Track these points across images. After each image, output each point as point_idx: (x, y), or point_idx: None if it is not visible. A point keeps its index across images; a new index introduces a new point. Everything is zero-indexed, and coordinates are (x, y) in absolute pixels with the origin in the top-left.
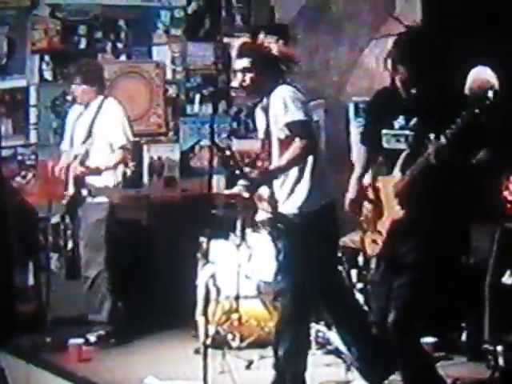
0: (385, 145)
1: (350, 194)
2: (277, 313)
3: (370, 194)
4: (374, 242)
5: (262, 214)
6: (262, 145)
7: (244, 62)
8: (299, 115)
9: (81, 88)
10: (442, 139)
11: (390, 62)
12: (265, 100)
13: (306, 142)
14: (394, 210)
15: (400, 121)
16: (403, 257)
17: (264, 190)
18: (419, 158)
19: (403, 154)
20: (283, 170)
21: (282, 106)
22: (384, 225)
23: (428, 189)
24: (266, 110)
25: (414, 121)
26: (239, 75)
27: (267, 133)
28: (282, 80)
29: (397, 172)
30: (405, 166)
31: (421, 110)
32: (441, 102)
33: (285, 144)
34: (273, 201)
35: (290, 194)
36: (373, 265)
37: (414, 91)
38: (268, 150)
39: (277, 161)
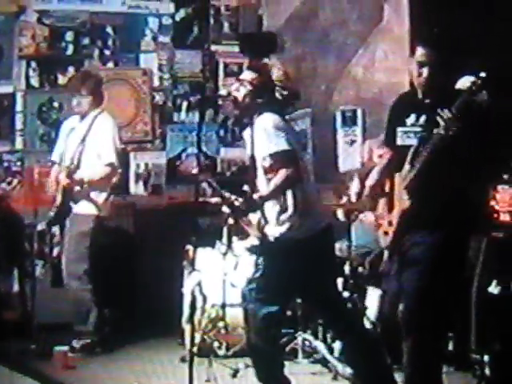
0: (398, 142)
1: (370, 181)
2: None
3: (386, 189)
4: (386, 233)
5: (252, 240)
6: (249, 167)
7: (248, 75)
8: (282, 145)
9: (87, 100)
10: (450, 111)
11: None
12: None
13: (290, 171)
14: (403, 203)
15: (411, 119)
16: (412, 248)
17: (253, 216)
18: (425, 147)
19: (412, 148)
20: (268, 199)
21: (265, 137)
22: (395, 216)
23: (432, 180)
24: (251, 136)
25: (423, 117)
26: (237, 84)
27: (252, 158)
28: (272, 108)
29: (406, 166)
30: (413, 159)
31: (433, 107)
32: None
33: (269, 172)
34: (261, 227)
35: (278, 222)
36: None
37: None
38: (254, 173)
39: (262, 186)
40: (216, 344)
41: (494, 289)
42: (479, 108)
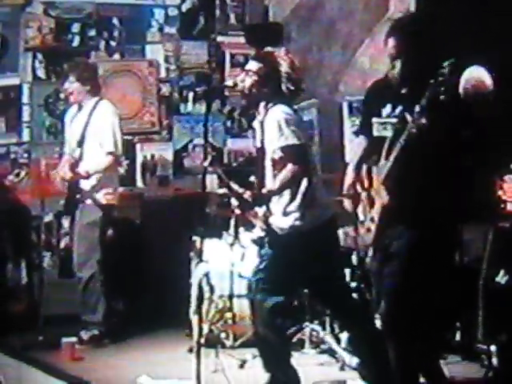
0: (375, 133)
1: (347, 180)
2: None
3: (365, 183)
4: (369, 230)
5: (257, 231)
6: (256, 158)
7: (254, 65)
8: (293, 139)
9: (73, 86)
10: (417, 108)
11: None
12: (261, 115)
13: (298, 167)
14: (382, 197)
15: (387, 109)
16: (390, 245)
17: (259, 208)
18: (398, 141)
19: (387, 141)
20: (276, 193)
21: (277, 130)
22: (376, 212)
23: (407, 174)
24: (261, 127)
25: (399, 108)
26: (243, 75)
27: (262, 149)
28: (281, 100)
29: (382, 160)
30: (388, 152)
31: (408, 97)
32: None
33: (278, 164)
34: (267, 219)
35: (284, 214)
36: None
37: (404, 83)
38: (261, 164)
39: (269, 179)
40: (223, 335)
41: (501, 279)
42: (451, 97)
